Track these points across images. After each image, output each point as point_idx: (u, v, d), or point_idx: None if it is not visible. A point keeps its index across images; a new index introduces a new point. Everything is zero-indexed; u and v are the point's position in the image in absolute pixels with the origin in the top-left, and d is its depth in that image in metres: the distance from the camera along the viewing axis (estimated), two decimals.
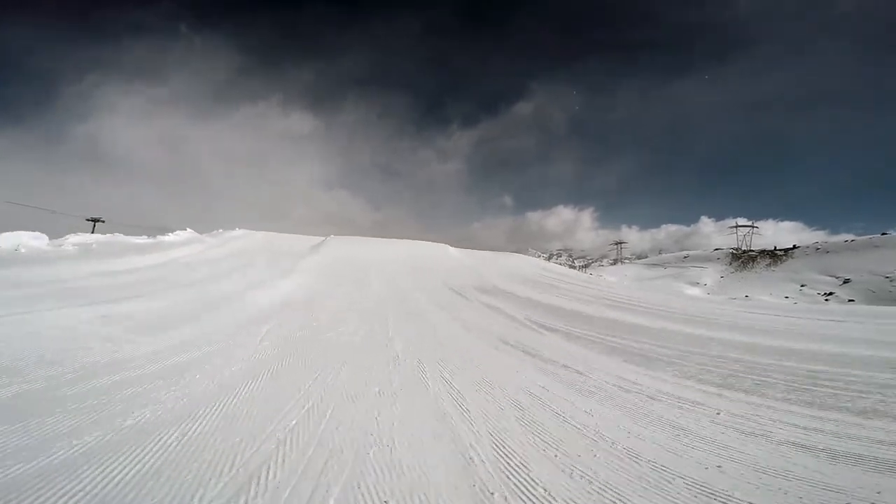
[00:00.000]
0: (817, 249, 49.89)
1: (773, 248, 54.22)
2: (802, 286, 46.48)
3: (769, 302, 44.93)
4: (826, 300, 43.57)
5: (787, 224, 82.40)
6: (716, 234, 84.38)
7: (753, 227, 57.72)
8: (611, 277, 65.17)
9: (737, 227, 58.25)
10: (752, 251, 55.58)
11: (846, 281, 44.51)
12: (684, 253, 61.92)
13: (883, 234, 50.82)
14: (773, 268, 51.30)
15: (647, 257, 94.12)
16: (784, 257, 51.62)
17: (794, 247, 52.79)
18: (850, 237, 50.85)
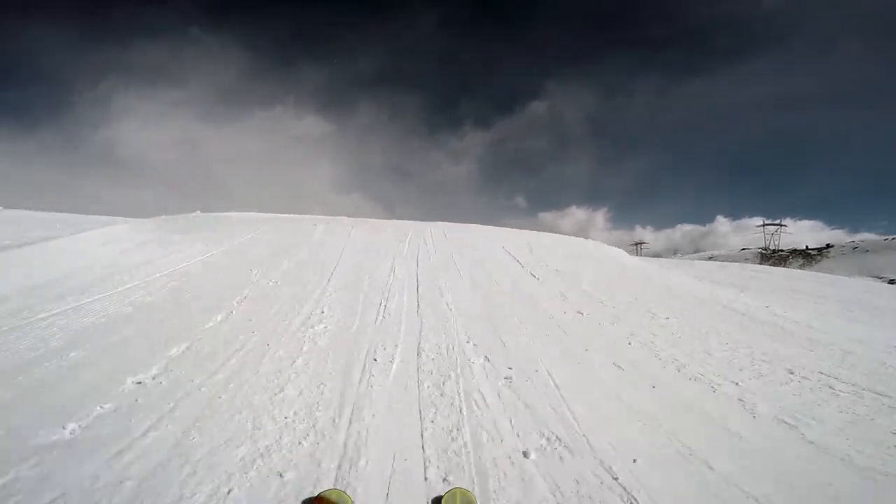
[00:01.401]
0: (854, 248, 48.03)
1: (805, 248, 52.39)
2: None
3: None
4: None
5: (805, 223, 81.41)
6: (732, 233, 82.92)
7: (781, 225, 55.78)
8: None
9: (763, 225, 56.21)
10: (783, 251, 53.67)
11: (891, 282, 42.64)
12: (708, 253, 59.87)
13: None
14: (807, 269, 49.36)
15: (661, 257, 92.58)
16: (818, 257, 49.69)
17: (828, 246, 50.96)
18: (887, 236, 49.25)
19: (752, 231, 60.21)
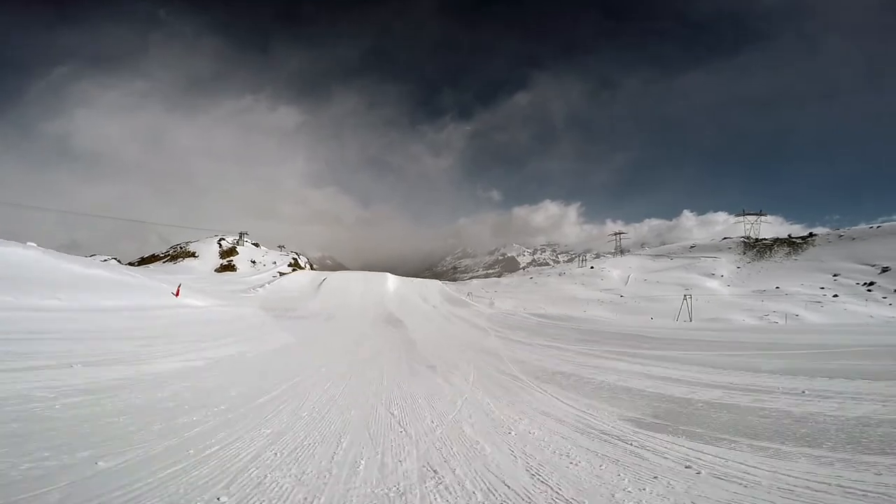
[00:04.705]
0: (840, 237, 46.21)
1: (788, 236, 50.23)
2: (836, 276, 42.24)
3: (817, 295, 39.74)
4: (869, 290, 39.36)
5: (766, 218, 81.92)
6: (697, 227, 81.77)
7: (761, 214, 53.64)
8: (615, 270, 58.73)
9: (744, 214, 53.94)
10: (766, 240, 51.14)
11: (885, 269, 40.67)
12: (690, 242, 56.80)
13: None
14: (793, 256, 47.01)
15: (629, 251, 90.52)
16: (804, 245, 47.49)
17: (811, 234, 49.04)
18: (845, 228, 48.01)
19: (716, 225, 58.24)
